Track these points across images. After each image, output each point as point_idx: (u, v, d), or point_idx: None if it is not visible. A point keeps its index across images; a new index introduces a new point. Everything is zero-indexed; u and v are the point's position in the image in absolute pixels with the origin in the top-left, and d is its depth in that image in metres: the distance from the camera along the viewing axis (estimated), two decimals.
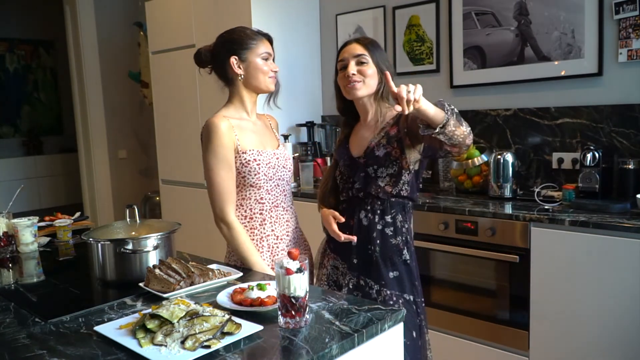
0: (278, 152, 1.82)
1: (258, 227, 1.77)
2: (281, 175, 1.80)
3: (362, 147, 1.77)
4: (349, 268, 1.77)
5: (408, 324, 1.70)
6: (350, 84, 1.70)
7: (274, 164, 1.78)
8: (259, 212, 1.76)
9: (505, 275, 2.29)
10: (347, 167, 1.78)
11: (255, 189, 1.74)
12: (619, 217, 2.05)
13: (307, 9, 3.51)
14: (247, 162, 1.72)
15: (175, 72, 3.70)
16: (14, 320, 1.30)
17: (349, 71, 1.70)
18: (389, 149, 1.71)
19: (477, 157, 2.64)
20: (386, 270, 1.72)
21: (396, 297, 1.71)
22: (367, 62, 1.70)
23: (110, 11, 4.81)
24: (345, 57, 1.73)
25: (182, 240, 2.18)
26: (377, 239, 1.72)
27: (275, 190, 1.79)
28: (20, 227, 1.99)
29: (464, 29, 2.87)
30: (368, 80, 1.70)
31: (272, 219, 1.78)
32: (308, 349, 1.07)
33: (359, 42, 1.74)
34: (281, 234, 1.80)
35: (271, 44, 1.80)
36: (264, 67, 1.74)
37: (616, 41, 2.40)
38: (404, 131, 1.68)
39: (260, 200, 1.76)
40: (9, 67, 6.47)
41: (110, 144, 4.87)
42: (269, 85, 1.77)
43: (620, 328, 2.00)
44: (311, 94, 3.55)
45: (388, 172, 1.70)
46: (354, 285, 1.75)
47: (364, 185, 1.73)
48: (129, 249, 1.54)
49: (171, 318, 1.12)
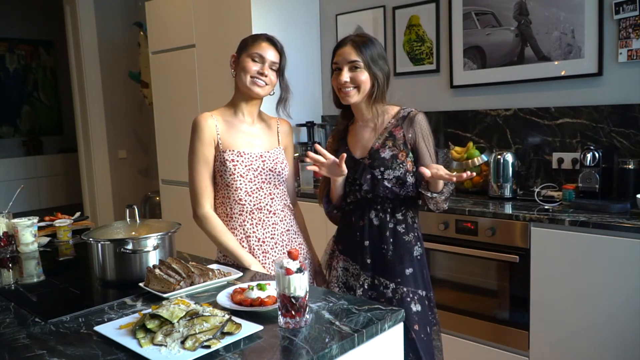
0: (267, 154, 1.80)
1: (238, 228, 1.78)
2: (266, 179, 1.78)
3: (365, 147, 1.76)
4: (362, 269, 1.75)
5: (423, 320, 1.72)
6: (343, 90, 1.69)
7: (257, 166, 1.77)
8: (238, 213, 1.77)
9: (505, 275, 2.29)
10: (350, 169, 1.73)
11: (232, 189, 1.75)
12: (619, 217, 2.05)
13: (307, 9, 3.51)
14: (224, 162, 1.74)
15: (175, 72, 3.70)
16: (14, 320, 1.30)
17: (342, 79, 1.68)
18: (395, 151, 1.70)
19: (477, 157, 2.64)
20: (401, 268, 1.72)
21: (412, 294, 1.71)
22: (360, 68, 1.68)
23: (110, 11, 4.80)
24: (339, 61, 1.71)
25: (182, 240, 2.18)
26: (390, 237, 1.72)
27: (257, 192, 1.77)
28: (20, 227, 1.99)
29: (464, 29, 2.87)
30: (362, 87, 1.69)
31: (253, 221, 1.77)
32: (308, 349, 1.07)
33: (353, 44, 1.69)
34: (264, 237, 1.79)
35: (279, 52, 1.78)
36: (247, 66, 1.73)
37: (616, 41, 2.40)
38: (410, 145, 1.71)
39: (239, 202, 1.76)
40: (9, 67, 6.47)
41: (110, 144, 4.87)
42: (249, 86, 1.74)
43: (621, 328, 2.00)
44: (311, 94, 3.55)
45: (395, 175, 1.69)
46: (369, 285, 1.74)
47: (372, 187, 1.71)
48: (129, 249, 1.54)
49: (171, 318, 1.12)
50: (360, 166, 1.73)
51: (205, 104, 3.47)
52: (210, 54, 3.39)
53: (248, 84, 1.74)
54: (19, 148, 6.55)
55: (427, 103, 3.01)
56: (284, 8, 3.34)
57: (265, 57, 1.74)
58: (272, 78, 1.76)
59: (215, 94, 3.40)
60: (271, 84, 1.77)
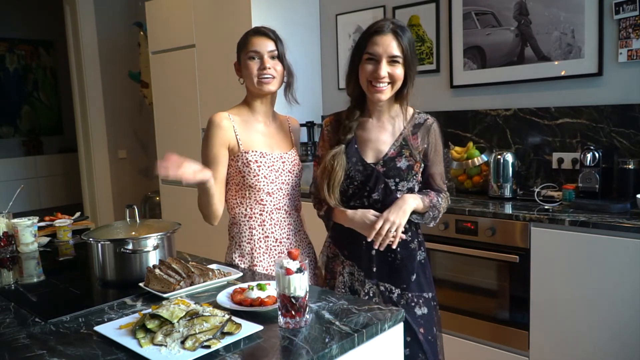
0: (286, 156, 1.79)
1: (257, 228, 1.76)
2: (285, 180, 1.77)
3: (378, 152, 1.65)
4: (366, 276, 1.69)
5: (430, 322, 1.70)
6: (378, 86, 1.56)
7: (277, 168, 1.75)
8: (258, 213, 1.75)
9: (505, 275, 2.29)
10: (359, 173, 1.63)
11: (255, 190, 1.73)
12: (619, 217, 2.05)
13: (307, 9, 3.51)
14: (247, 163, 1.71)
15: (175, 72, 3.70)
16: (14, 320, 1.30)
17: (380, 72, 1.54)
18: (411, 161, 1.64)
19: (477, 157, 2.64)
20: (407, 274, 1.68)
21: (417, 298, 1.69)
22: (399, 64, 1.55)
23: (110, 11, 4.80)
24: (379, 52, 1.54)
25: (182, 240, 2.18)
26: (397, 246, 1.65)
27: (277, 193, 1.76)
28: (20, 227, 1.99)
29: (464, 29, 2.87)
30: (396, 83, 1.58)
31: (272, 221, 1.76)
32: (308, 349, 1.07)
33: (395, 35, 1.53)
34: (281, 237, 1.78)
35: (272, 39, 1.72)
36: (249, 68, 1.71)
37: (616, 41, 2.40)
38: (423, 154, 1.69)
39: (260, 202, 1.74)
40: (9, 67, 6.47)
41: (110, 144, 4.87)
42: (256, 86, 1.71)
43: (621, 328, 2.00)
44: (311, 94, 3.55)
45: (408, 186, 1.65)
46: (374, 292, 1.69)
47: (384, 197, 1.63)
48: (129, 249, 1.54)
49: (171, 318, 1.12)
50: (372, 173, 1.63)
51: (205, 104, 3.47)
52: (210, 54, 3.39)
53: (257, 85, 1.71)
54: (19, 148, 6.54)
55: (427, 103, 3.01)
56: (284, 8, 3.34)
57: (260, 51, 1.71)
58: (277, 68, 1.72)
59: (215, 94, 3.40)
60: (278, 75, 1.73)
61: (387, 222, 1.57)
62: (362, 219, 1.62)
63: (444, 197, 1.72)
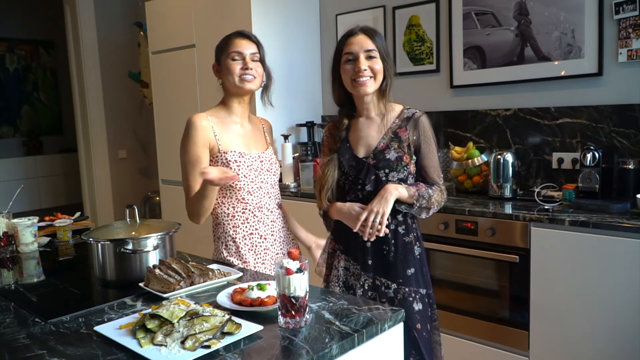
0: (264, 155, 1.84)
1: (240, 226, 1.79)
2: (265, 178, 1.82)
3: (369, 146, 1.73)
4: (362, 269, 1.74)
5: (424, 318, 1.72)
6: (360, 80, 1.65)
7: (256, 167, 1.80)
8: (241, 211, 1.79)
9: (505, 275, 2.29)
10: (352, 168, 1.72)
11: (236, 189, 1.77)
12: (619, 217, 2.05)
13: (307, 9, 3.51)
14: (227, 162, 1.75)
15: (175, 72, 3.70)
16: (14, 320, 1.30)
17: (361, 66, 1.64)
18: (400, 153, 1.70)
19: (477, 157, 2.64)
20: (403, 269, 1.71)
21: (414, 294, 1.71)
22: (376, 58, 1.66)
23: (110, 11, 4.80)
24: (355, 50, 1.66)
25: (182, 240, 2.18)
26: (392, 239, 1.71)
27: (258, 192, 1.80)
28: (20, 227, 1.99)
29: (464, 29, 2.87)
30: (377, 76, 1.67)
31: (255, 219, 1.80)
32: (308, 349, 1.07)
33: (366, 34, 1.67)
34: (265, 234, 1.82)
35: (254, 42, 1.79)
36: (230, 67, 1.75)
37: (616, 41, 2.40)
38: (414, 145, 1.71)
39: (242, 200, 1.79)
40: (9, 67, 6.47)
41: (110, 144, 4.87)
42: (239, 85, 1.76)
43: (620, 328, 2.00)
44: (311, 94, 3.55)
45: (399, 177, 1.69)
46: (370, 285, 1.73)
47: (375, 188, 1.69)
48: (129, 249, 1.54)
49: (171, 318, 1.12)
50: (364, 166, 1.71)
51: (205, 104, 3.47)
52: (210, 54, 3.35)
53: (237, 83, 1.76)
54: (19, 148, 6.54)
55: (427, 103, 3.01)
56: (284, 8, 3.34)
57: (243, 52, 1.76)
58: (258, 69, 1.78)
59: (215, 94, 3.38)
60: (259, 76, 1.79)
61: (372, 213, 1.63)
62: (349, 210, 1.70)
63: (436, 190, 1.73)
